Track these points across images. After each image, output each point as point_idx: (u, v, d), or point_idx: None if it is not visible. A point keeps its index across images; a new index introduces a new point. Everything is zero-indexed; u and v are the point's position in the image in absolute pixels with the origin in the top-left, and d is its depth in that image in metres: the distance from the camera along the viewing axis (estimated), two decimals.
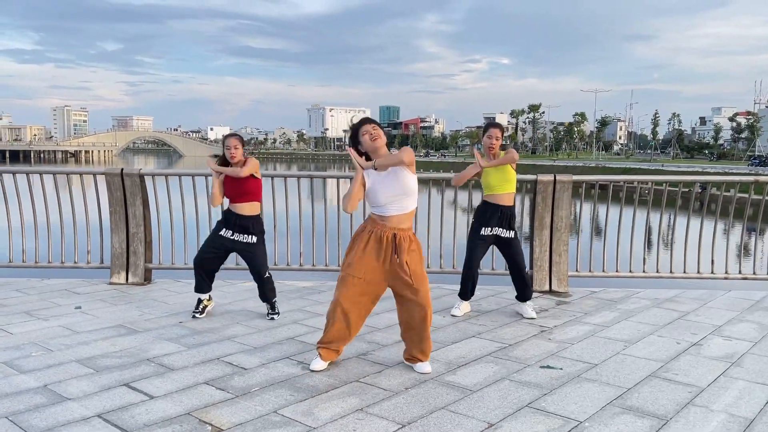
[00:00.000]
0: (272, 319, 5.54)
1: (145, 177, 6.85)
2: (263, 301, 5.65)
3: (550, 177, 6.65)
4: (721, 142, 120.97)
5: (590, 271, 6.91)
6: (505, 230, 5.66)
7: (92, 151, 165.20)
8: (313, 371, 4.25)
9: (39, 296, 6.28)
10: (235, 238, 5.46)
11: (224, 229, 5.47)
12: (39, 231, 7.00)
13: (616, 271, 6.89)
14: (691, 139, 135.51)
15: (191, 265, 6.68)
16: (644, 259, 6.84)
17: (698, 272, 6.82)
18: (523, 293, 5.79)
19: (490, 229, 5.64)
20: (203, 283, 5.57)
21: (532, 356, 4.62)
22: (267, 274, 5.56)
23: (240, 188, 5.41)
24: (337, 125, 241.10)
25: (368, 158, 4.18)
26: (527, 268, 6.76)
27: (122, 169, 6.73)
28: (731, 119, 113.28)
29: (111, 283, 6.82)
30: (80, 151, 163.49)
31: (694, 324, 5.51)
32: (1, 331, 5.12)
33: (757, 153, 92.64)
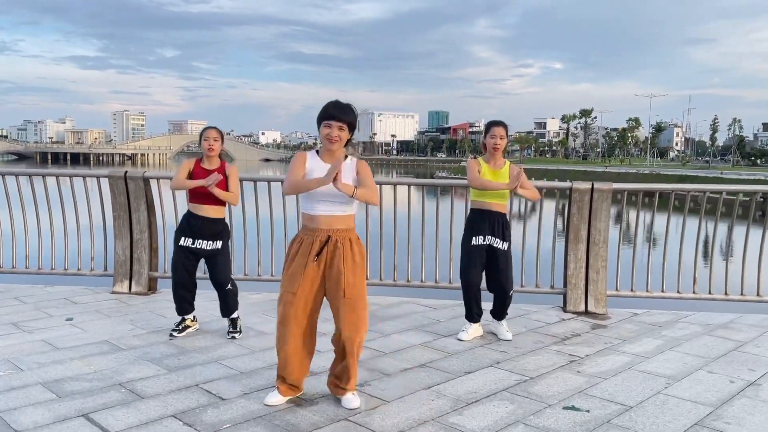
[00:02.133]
0: (233, 338, 4.99)
1: (150, 180, 6.46)
2: (224, 316, 5.11)
3: (587, 185, 5.96)
4: None
5: (632, 290, 6.17)
6: (499, 240, 5.02)
7: (147, 154, 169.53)
8: (267, 405, 3.70)
9: (34, 305, 5.93)
10: (199, 246, 4.92)
11: (183, 238, 4.94)
12: (43, 236, 6.69)
13: (662, 291, 6.13)
14: (753, 146, 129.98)
15: (199, 274, 6.28)
16: (695, 277, 6.08)
17: (758, 294, 6.01)
18: (497, 311, 5.20)
19: (483, 238, 5.02)
20: (185, 304, 5.08)
21: (555, 393, 3.98)
22: (230, 285, 5.05)
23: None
24: (386, 130, 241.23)
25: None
26: (563, 286, 6.12)
27: (126, 172, 6.36)
28: None
29: (113, 292, 6.45)
30: (137, 154, 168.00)
31: (752, 357, 4.76)
32: None
33: None
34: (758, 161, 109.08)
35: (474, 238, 5.05)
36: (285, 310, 3.65)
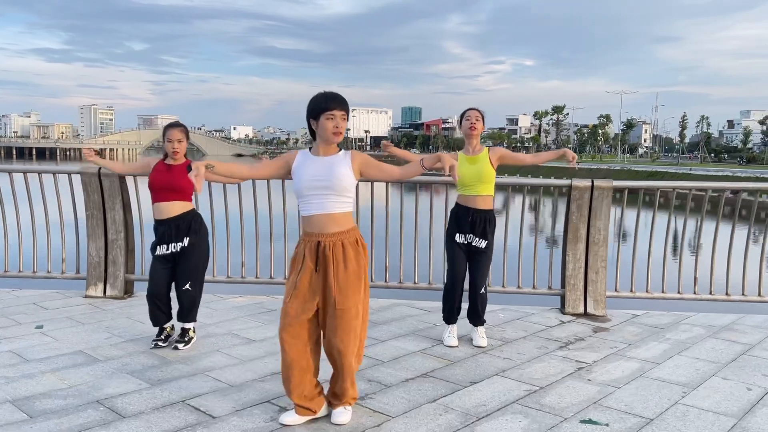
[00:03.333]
0: (176, 348, 4.56)
1: (126, 178, 6.07)
2: (179, 320, 4.67)
3: (587, 183, 5.74)
4: (750, 145, 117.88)
5: (632, 291, 5.98)
6: (478, 238, 4.75)
7: (117, 149, 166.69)
8: (283, 425, 3.40)
9: (1, 312, 5.52)
10: (175, 250, 4.51)
11: (158, 247, 4.54)
12: (9, 236, 6.26)
13: (663, 291, 5.95)
14: (718, 143, 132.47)
15: None
16: (695, 278, 5.91)
17: (759, 294, 5.87)
18: (474, 316, 4.92)
19: (464, 236, 4.77)
20: (159, 314, 4.65)
21: (568, 405, 3.74)
22: (189, 286, 4.58)
23: (174, 182, 4.47)
24: (359, 125, 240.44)
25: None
26: (560, 287, 5.91)
27: (99, 169, 5.95)
28: (762, 122, 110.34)
29: (87, 296, 6.06)
30: (105, 149, 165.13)
31: (763, 362, 4.58)
32: None
33: None
34: (724, 157, 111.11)
35: (457, 235, 4.79)
36: (281, 321, 3.36)
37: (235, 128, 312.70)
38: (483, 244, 4.75)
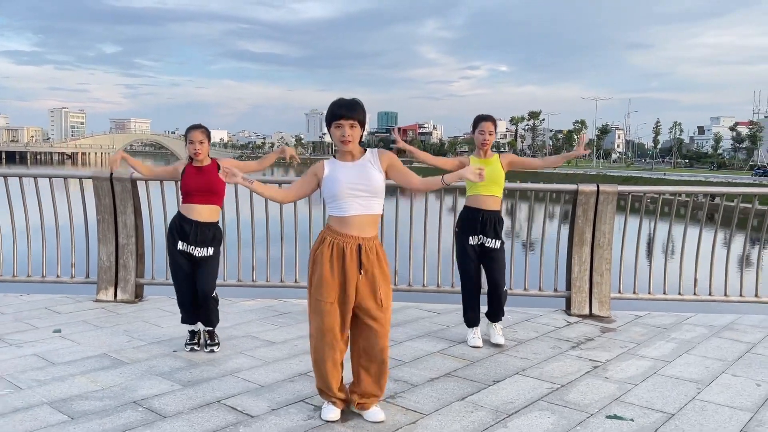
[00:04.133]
0: (212, 351, 4.65)
1: (138, 183, 6.10)
2: (206, 327, 4.74)
3: (592, 187, 5.92)
4: (720, 151, 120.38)
5: (635, 292, 6.17)
6: (490, 239, 4.90)
7: (89, 153, 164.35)
8: (327, 421, 3.50)
9: (15, 316, 5.52)
10: (193, 252, 4.58)
11: (180, 243, 4.60)
12: (18, 241, 6.25)
13: (664, 293, 6.15)
14: (689, 148, 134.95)
15: None
16: (695, 279, 6.12)
17: (756, 295, 6.10)
18: (496, 312, 5.08)
19: (476, 237, 4.91)
20: (191, 315, 4.73)
21: (592, 402, 3.89)
22: (215, 293, 4.70)
23: (210, 185, 4.55)
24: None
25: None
26: (566, 289, 6.08)
27: (111, 173, 5.98)
28: (732, 129, 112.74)
29: (97, 301, 6.07)
30: (77, 153, 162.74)
31: (767, 360, 4.78)
32: None
33: (760, 163, 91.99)
34: (695, 163, 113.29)
35: (470, 237, 4.93)
36: (323, 320, 3.43)
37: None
38: (497, 243, 4.90)
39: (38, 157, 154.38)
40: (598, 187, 5.93)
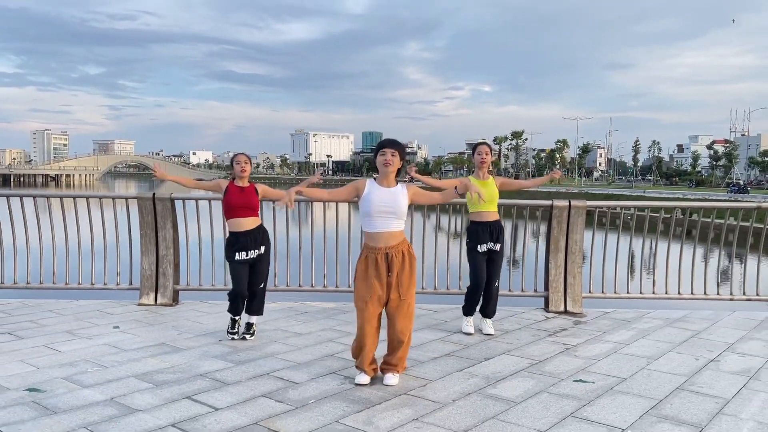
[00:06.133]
0: (244, 338, 5.67)
1: (176, 201, 7.08)
2: (249, 314, 5.78)
3: (565, 203, 6.99)
4: (698, 169, 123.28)
5: (603, 292, 7.22)
6: (496, 244, 5.99)
7: (73, 175, 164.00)
8: (358, 385, 4.49)
9: (74, 317, 6.44)
10: (252, 255, 5.63)
11: (237, 254, 5.61)
12: (70, 253, 7.18)
13: (627, 292, 7.21)
14: (669, 166, 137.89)
15: (217, 286, 6.93)
16: (654, 281, 7.18)
17: (705, 293, 7.17)
18: (487, 308, 6.12)
19: (486, 245, 5.96)
20: (240, 307, 5.73)
21: (563, 371, 4.90)
22: (263, 285, 5.80)
23: (250, 202, 5.65)
24: (321, 150, 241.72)
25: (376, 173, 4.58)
26: (544, 290, 7.10)
27: (154, 194, 6.96)
28: (709, 147, 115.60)
29: (140, 304, 7.00)
30: (61, 175, 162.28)
31: (708, 342, 5.83)
32: (49, 348, 5.30)
33: (735, 180, 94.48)
34: (675, 180, 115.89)
35: (479, 246, 5.97)
36: (364, 313, 4.46)
37: (194, 153, 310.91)
38: (498, 247, 5.98)
39: (21, 179, 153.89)
40: (569, 202, 7.00)
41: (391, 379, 4.55)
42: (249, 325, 5.78)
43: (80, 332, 5.84)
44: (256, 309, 5.79)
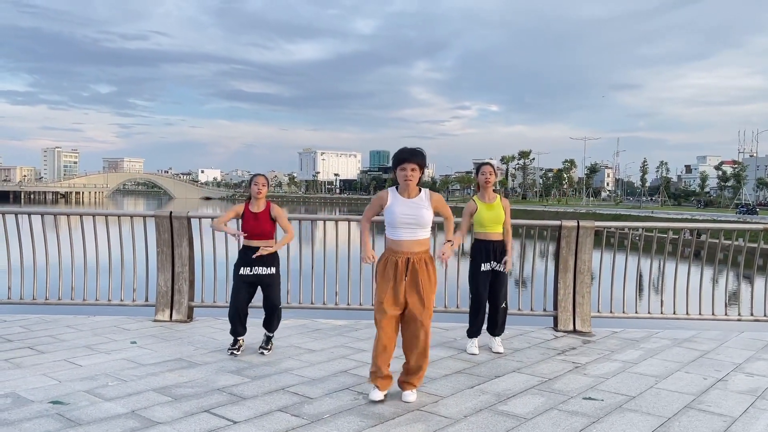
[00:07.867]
0: (262, 353, 5.82)
1: (192, 219, 7.24)
2: (267, 329, 5.94)
3: (573, 223, 7.10)
4: (707, 189, 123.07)
5: (611, 312, 7.30)
6: (498, 264, 6.08)
7: (83, 192, 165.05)
8: (373, 401, 4.59)
9: (92, 332, 6.58)
10: (257, 272, 5.77)
11: (242, 268, 5.78)
12: (88, 270, 7.33)
13: (636, 312, 7.29)
14: (677, 187, 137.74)
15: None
16: (662, 301, 7.26)
17: (713, 314, 7.24)
18: (494, 327, 6.21)
19: (490, 264, 6.06)
20: (239, 327, 5.87)
21: (573, 389, 4.99)
22: (280, 305, 5.97)
23: (263, 230, 5.80)
24: (328, 168, 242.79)
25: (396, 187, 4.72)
26: (553, 309, 7.19)
27: (171, 212, 7.12)
28: (717, 168, 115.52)
29: (156, 320, 7.14)
30: (71, 192, 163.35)
31: (716, 362, 5.90)
32: (70, 363, 5.43)
33: (744, 201, 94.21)
34: (683, 201, 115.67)
35: (483, 265, 6.07)
36: (379, 316, 4.58)
37: (202, 171, 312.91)
38: (502, 267, 6.06)
39: (32, 196, 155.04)
40: (578, 222, 7.11)
41: (410, 396, 4.64)
42: (268, 339, 5.94)
43: (99, 347, 5.97)
44: (275, 327, 5.98)
